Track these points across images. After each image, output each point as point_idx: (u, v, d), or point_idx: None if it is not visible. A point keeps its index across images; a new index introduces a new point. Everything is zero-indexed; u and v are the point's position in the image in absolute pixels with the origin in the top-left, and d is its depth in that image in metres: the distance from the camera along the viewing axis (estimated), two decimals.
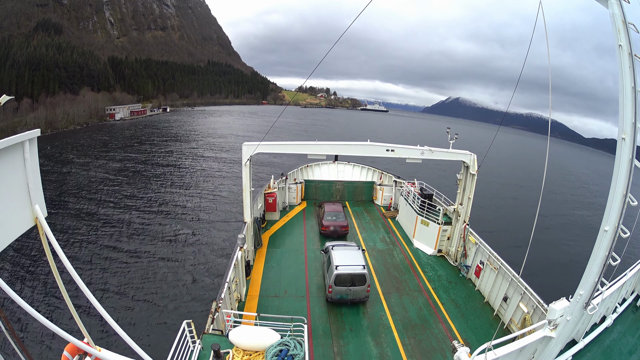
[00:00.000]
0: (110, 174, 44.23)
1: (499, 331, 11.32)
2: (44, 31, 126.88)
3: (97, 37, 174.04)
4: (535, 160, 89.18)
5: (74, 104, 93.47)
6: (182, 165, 50.73)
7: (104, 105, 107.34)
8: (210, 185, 40.99)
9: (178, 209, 32.84)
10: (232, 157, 55.99)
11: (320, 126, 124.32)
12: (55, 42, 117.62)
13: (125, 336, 4.02)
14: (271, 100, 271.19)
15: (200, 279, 20.81)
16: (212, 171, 47.68)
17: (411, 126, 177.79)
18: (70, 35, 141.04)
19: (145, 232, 27.36)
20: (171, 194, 37.37)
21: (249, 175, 13.37)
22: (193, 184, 41.32)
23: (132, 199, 35.40)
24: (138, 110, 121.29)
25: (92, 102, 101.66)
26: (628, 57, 4.45)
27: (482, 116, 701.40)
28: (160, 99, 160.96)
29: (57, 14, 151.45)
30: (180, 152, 60.27)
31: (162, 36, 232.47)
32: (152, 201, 34.88)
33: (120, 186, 39.57)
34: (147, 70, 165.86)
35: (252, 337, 7.28)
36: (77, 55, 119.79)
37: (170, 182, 41.88)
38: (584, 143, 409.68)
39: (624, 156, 4.59)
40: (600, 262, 4.98)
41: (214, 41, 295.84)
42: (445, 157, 14.96)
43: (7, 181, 2.98)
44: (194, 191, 38.53)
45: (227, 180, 43.34)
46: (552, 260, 25.71)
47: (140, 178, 43.33)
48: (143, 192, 37.56)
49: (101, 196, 35.72)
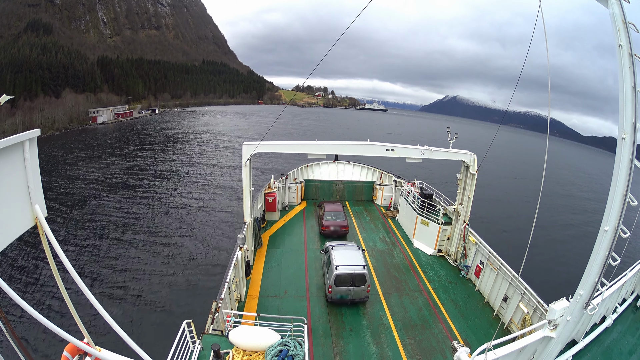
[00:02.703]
0: (108, 178, 44.17)
1: (499, 331, 11.32)
2: (33, 31, 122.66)
3: (89, 37, 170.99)
4: (533, 158, 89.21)
5: (54, 108, 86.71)
6: (178, 171, 50.65)
7: (88, 108, 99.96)
8: (205, 192, 40.96)
9: (177, 208, 32.84)
10: (223, 162, 55.14)
11: (321, 127, 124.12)
12: (40, 42, 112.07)
13: (125, 336, 4.01)
14: (267, 99, 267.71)
15: (200, 279, 20.80)
16: (205, 177, 47.65)
17: (401, 125, 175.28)
18: (60, 35, 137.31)
19: (145, 233, 27.34)
20: (171, 194, 37.37)
21: (248, 175, 13.36)
22: (191, 186, 41.31)
23: (131, 199, 35.40)
24: (123, 112, 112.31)
25: (73, 105, 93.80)
26: (628, 56, 4.46)
27: (479, 115, 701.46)
28: (151, 100, 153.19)
29: (48, 13, 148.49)
30: (174, 156, 59.55)
31: (156, 35, 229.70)
32: (151, 202, 34.89)
33: (119, 188, 39.56)
34: (138, 69, 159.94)
35: (252, 337, 7.28)
36: (62, 55, 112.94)
37: (166, 184, 41.87)
38: (582, 141, 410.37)
39: (624, 156, 4.60)
40: (600, 262, 4.98)
41: (210, 40, 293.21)
42: (445, 156, 14.95)
43: (7, 181, 2.97)
44: (193, 191, 38.54)
45: (222, 183, 43.33)
46: (552, 260, 25.72)
47: (138, 180, 43.30)
48: (142, 193, 37.56)
49: (98, 200, 35.70)
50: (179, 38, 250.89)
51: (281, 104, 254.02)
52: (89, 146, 64.12)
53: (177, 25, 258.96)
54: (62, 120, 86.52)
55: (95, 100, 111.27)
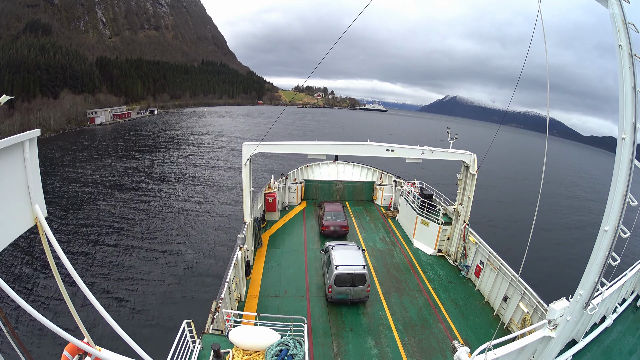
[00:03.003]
0: (107, 178, 44.17)
1: (499, 331, 11.32)
2: (31, 32, 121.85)
3: (87, 38, 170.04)
4: (533, 158, 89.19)
5: (52, 109, 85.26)
6: (176, 172, 50.63)
7: (86, 109, 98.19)
8: (204, 192, 40.96)
9: (177, 209, 32.83)
10: (224, 163, 55.52)
11: (321, 127, 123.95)
12: (39, 43, 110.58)
13: (125, 336, 4.01)
14: (267, 100, 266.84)
15: (200, 278, 20.80)
16: (204, 177, 47.65)
17: (401, 125, 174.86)
18: (59, 36, 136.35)
19: (144, 233, 27.34)
20: (169, 195, 37.37)
21: (249, 175, 13.36)
22: (190, 186, 41.32)
23: (130, 201, 35.40)
24: (121, 113, 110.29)
25: (71, 106, 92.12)
26: (628, 57, 4.45)
27: (479, 115, 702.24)
28: (150, 100, 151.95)
29: (47, 14, 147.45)
30: (177, 156, 59.67)
31: (156, 36, 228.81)
32: (150, 203, 34.88)
33: (117, 189, 39.55)
34: (137, 70, 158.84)
35: (252, 337, 7.28)
36: (60, 55, 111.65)
37: (164, 185, 41.87)
38: (582, 141, 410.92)
39: (624, 156, 4.60)
40: (600, 262, 4.98)
41: (209, 40, 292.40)
42: (445, 157, 14.95)
43: (7, 181, 2.97)
44: (193, 192, 38.55)
45: (222, 184, 43.33)
46: (552, 260, 25.73)
47: (136, 181, 43.30)
48: (141, 195, 37.55)
49: (98, 199, 35.70)
50: (178, 38, 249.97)
51: (281, 105, 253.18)
52: (86, 147, 63.54)
53: (177, 25, 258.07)
54: (59, 121, 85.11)
55: (94, 101, 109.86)
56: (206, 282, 20.34)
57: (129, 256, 23.40)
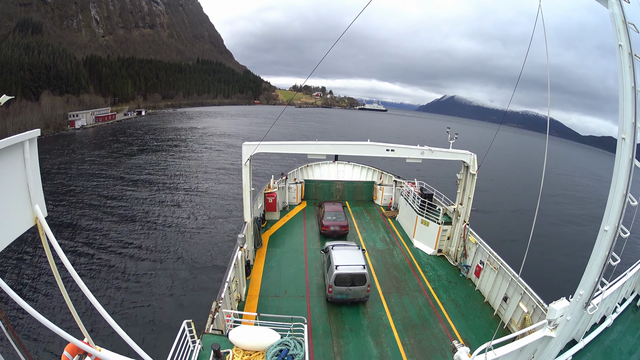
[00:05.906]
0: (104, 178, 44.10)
1: (499, 331, 11.32)
2: (21, 31, 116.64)
3: (80, 36, 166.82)
4: (533, 158, 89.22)
5: (29, 112, 78.48)
6: (175, 173, 50.60)
7: (68, 111, 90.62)
8: (204, 192, 40.95)
9: (176, 209, 32.83)
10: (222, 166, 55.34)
11: (321, 128, 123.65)
12: (23, 42, 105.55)
13: (125, 336, 4.01)
14: (264, 100, 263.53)
15: (200, 279, 20.80)
16: (204, 178, 47.63)
17: (401, 126, 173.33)
18: (50, 35, 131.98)
19: (144, 233, 27.34)
20: (168, 196, 37.37)
21: (248, 175, 13.35)
22: (189, 187, 41.32)
23: (129, 202, 35.39)
24: (105, 115, 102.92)
25: (50, 108, 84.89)
26: (628, 57, 4.45)
27: (477, 114, 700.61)
28: (140, 101, 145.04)
29: (39, 12, 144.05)
30: (173, 158, 59.51)
31: (150, 34, 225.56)
32: (149, 204, 34.88)
33: (114, 189, 39.54)
34: (128, 69, 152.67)
35: (252, 337, 7.28)
36: (44, 55, 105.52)
37: (167, 184, 41.87)
38: (581, 141, 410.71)
39: (624, 156, 4.59)
40: (600, 262, 4.98)
41: (205, 39, 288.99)
42: (445, 157, 14.94)
43: (7, 181, 2.97)
44: (193, 192, 38.54)
45: (221, 184, 43.31)
46: (552, 260, 25.73)
47: (132, 185, 43.27)
48: (141, 195, 37.54)
49: (97, 200, 35.69)
50: (173, 37, 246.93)
51: (278, 104, 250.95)
52: (59, 154, 57.60)
53: (172, 24, 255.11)
54: (37, 126, 73.66)
55: (78, 102, 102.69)
56: (206, 282, 20.34)
57: (129, 256, 23.41)
